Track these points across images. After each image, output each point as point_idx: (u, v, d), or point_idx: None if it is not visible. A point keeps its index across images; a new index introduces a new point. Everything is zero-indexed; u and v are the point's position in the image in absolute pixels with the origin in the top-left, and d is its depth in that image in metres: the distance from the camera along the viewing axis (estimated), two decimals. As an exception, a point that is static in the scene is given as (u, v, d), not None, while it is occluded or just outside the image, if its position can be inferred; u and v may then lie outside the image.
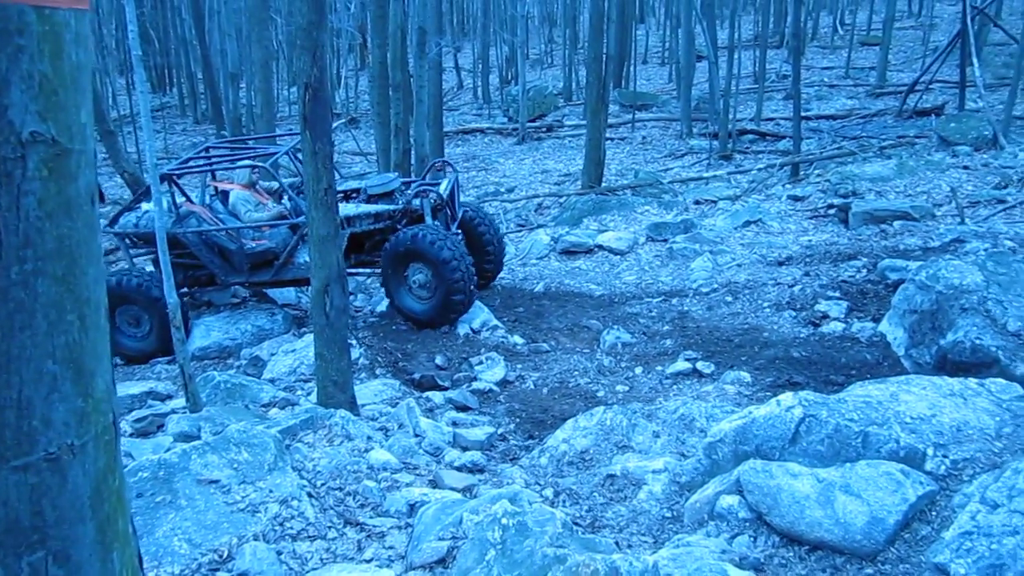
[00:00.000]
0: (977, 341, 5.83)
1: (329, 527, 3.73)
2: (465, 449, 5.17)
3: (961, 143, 14.98)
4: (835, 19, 36.71)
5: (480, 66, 30.24)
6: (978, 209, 10.77)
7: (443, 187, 9.10)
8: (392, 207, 8.89)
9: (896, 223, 10.55)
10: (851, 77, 26.80)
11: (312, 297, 5.49)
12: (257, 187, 9.37)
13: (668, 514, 3.98)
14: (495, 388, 7.10)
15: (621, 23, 23.80)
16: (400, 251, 8.23)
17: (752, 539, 3.53)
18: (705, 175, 16.33)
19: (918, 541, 3.20)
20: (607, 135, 16.51)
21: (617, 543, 3.55)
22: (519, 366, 7.54)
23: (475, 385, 7.13)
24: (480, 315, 8.52)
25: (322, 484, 4.13)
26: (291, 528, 3.63)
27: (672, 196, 14.66)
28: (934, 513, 3.31)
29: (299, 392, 6.84)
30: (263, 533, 3.54)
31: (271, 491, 3.82)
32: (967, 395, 4.02)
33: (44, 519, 1.29)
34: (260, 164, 8.96)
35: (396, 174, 10.98)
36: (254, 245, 8.89)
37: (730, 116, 18.94)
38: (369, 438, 4.95)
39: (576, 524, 3.74)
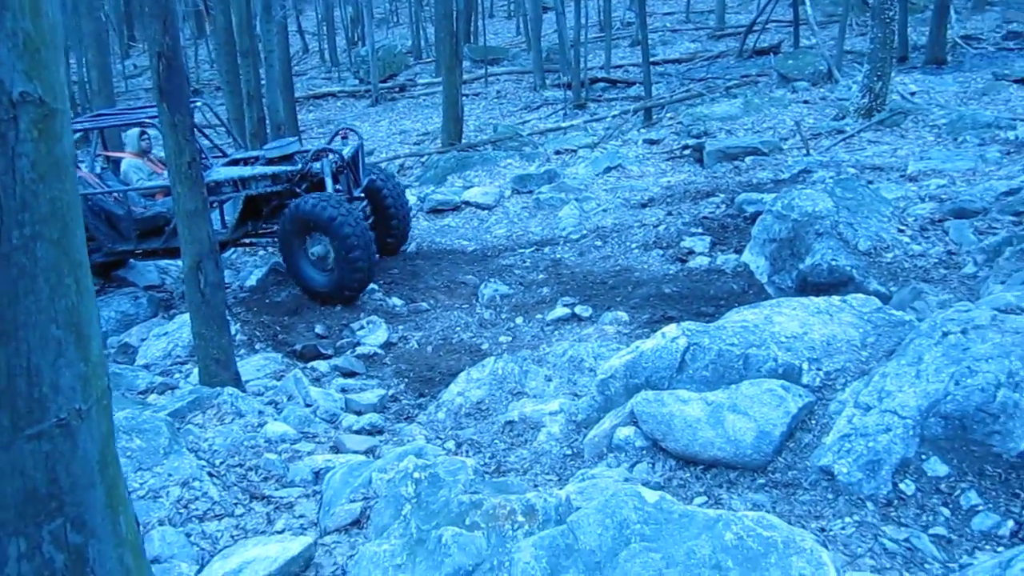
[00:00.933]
0: (833, 262, 6.24)
1: (235, 504, 3.68)
2: (360, 413, 5.17)
3: (799, 79, 15.75)
4: (672, -35, 37.56)
5: (325, 28, 29.47)
6: (821, 140, 11.40)
7: (346, 151, 8.72)
8: (290, 168, 8.42)
9: (748, 159, 11.04)
10: (692, 21, 27.59)
11: (185, 275, 5.31)
12: (150, 156, 8.96)
13: (569, 452, 4.12)
14: (380, 351, 7.09)
15: (466, -23, 23.65)
16: (298, 219, 7.83)
17: (651, 465, 3.71)
18: (563, 125, 16.56)
19: (803, 448, 3.44)
20: (462, 91, 16.47)
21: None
22: (401, 327, 7.53)
23: (359, 350, 7.09)
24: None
25: (221, 462, 4.06)
26: (196, 509, 3.56)
27: (533, 148, 14.80)
28: (814, 422, 3.56)
29: (177, 375, 6.63)
30: (168, 517, 3.46)
31: (170, 475, 3.73)
32: (832, 312, 4.31)
33: (60, 486, 1.29)
34: (151, 124, 8.36)
35: (295, 139, 10.68)
36: (143, 211, 8.47)
37: (581, 65, 19.19)
38: (261, 412, 4.88)
39: (483, 473, 3.82)
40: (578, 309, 7.26)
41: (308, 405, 5.23)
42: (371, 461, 3.93)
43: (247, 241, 9.25)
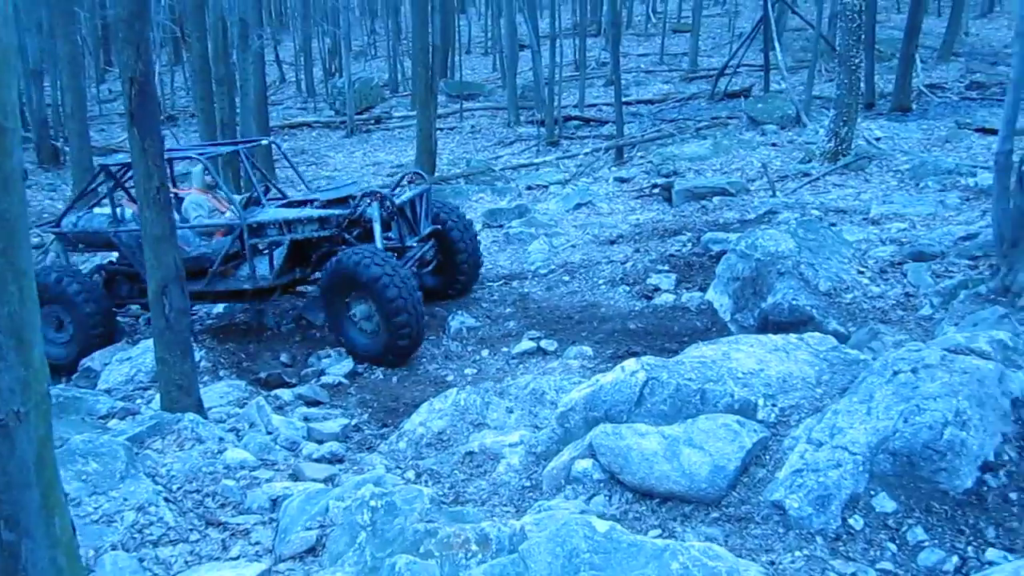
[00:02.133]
0: (794, 302, 6.35)
1: (191, 529, 3.66)
2: (321, 442, 5.16)
3: (768, 122, 16.04)
4: (648, 8, 38.22)
5: (303, 59, 29.61)
6: (787, 182, 11.61)
7: (404, 196, 8.04)
8: (339, 212, 7.81)
9: (715, 199, 11.22)
10: (665, 63, 28.02)
11: (150, 300, 5.30)
12: (215, 193, 8.63)
13: (527, 483, 4.14)
14: (344, 381, 7.09)
15: (444, 13, 23.92)
16: (340, 276, 7.14)
17: (608, 498, 3.74)
18: (535, 161, 16.73)
19: (756, 483, 3.49)
20: (437, 125, 16.60)
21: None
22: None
23: (324, 379, 7.09)
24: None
25: (178, 488, 4.04)
26: (151, 534, 3.54)
27: (505, 183, 14.94)
28: (768, 457, 3.61)
29: (139, 401, 6.57)
30: (121, 542, 3.44)
31: (125, 499, 3.70)
32: (789, 349, 4.39)
33: None
34: (195, 156, 8.25)
35: (353, 181, 10.47)
36: (188, 250, 7.93)
37: (555, 103, 19.43)
38: (221, 439, 4.86)
39: (441, 502, 3.83)
40: (544, 343, 7.31)
41: (269, 433, 5.22)
42: (329, 489, 3.93)
43: (297, 290, 8.63)
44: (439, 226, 8.47)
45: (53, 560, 1.37)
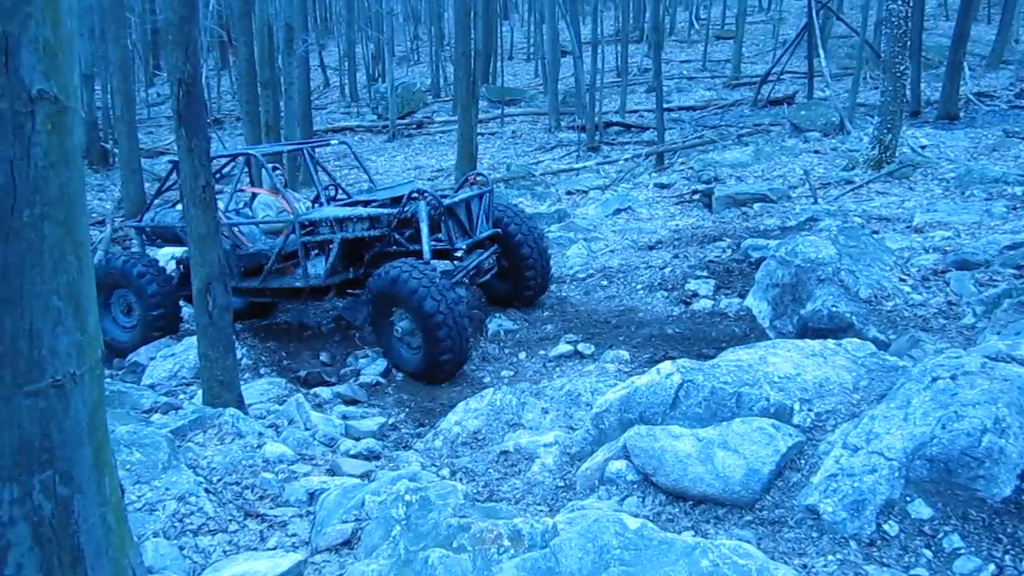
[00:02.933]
0: (833, 309, 6.29)
1: (230, 520, 3.73)
2: (359, 439, 5.22)
3: (811, 129, 15.91)
4: (691, 14, 38.11)
5: (347, 64, 29.94)
6: (829, 190, 11.50)
7: (458, 196, 7.81)
8: (388, 211, 7.62)
9: (756, 205, 11.15)
10: (708, 70, 27.93)
11: (195, 296, 5.41)
12: (285, 194, 8.49)
13: (561, 483, 4.16)
14: (382, 380, 7.16)
15: (486, 19, 24.06)
16: (380, 292, 6.97)
17: (641, 499, 3.74)
18: (575, 166, 16.74)
19: (790, 487, 3.48)
20: (478, 130, 16.70)
21: (515, 512, 3.70)
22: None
23: (362, 379, 7.17)
24: (364, 309, 8.52)
25: (218, 480, 4.12)
26: (191, 524, 3.62)
27: (544, 188, 14.98)
28: (803, 461, 3.59)
29: (182, 396, 6.70)
30: (163, 530, 3.51)
31: (167, 489, 3.79)
32: (827, 355, 4.36)
33: (51, 441, 1.43)
34: (251, 153, 8.26)
35: (412, 180, 10.27)
36: (249, 246, 8.15)
37: (596, 109, 19.44)
38: (260, 434, 4.93)
39: (474, 499, 3.87)
40: (581, 346, 7.32)
41: (308, 429, 5.29)
42: (365, 484, 3.98)
43: (349, 291, 8.25)
44: (498, 230, 8.20)
45: (103, 517, 1.47)
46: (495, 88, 26.47)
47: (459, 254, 7.62)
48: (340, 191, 9.26)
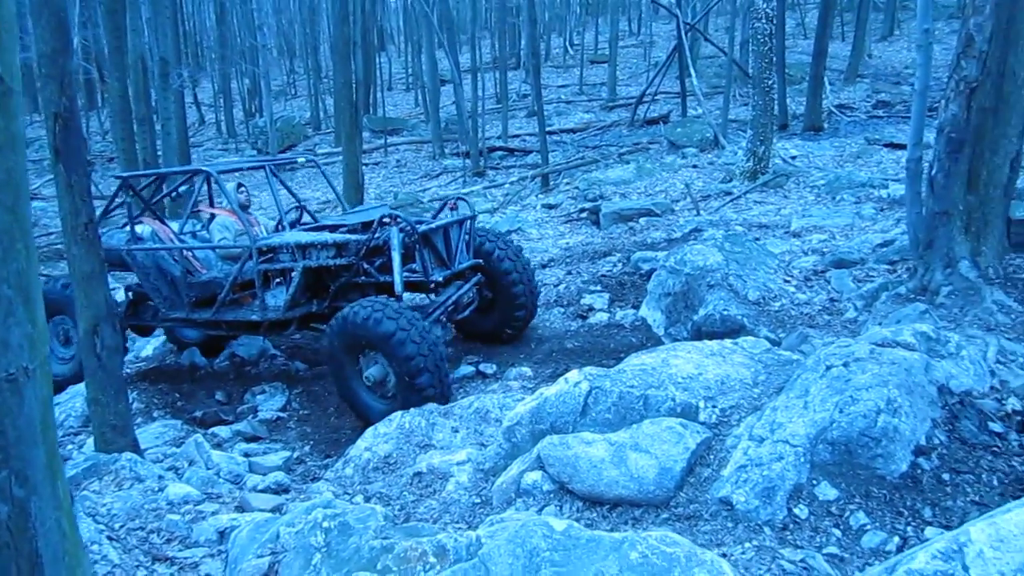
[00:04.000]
0: (725, 312, 6.51)
1: (137, 566, 3.57)
2: (265, 474, 5.08)
3: (688, 145, 16.47)
4: (565, 40, 38.95)
5: (222, 99, 29.31)
6: (710, 201, 11.91)
7: (436, 222, 7.07)
8: (356, 238, 6.92)
9: (642, 220, 11.44)
10: (585, 93, 28.56)
11: (81, 339, 5.17)
12: (248, 214, 7.91)
13: (477, 500, 4.15)
14: (282, 415, 7.00)
15: (365, 50, 24.00)
16: (348, 333, 6.17)
17: (558, 507, 3.77)
18: (463, 192, 16.81)
19: (703, 482, 3.57)
20: (363, 161, 16.60)
21: (435, 531, 3.66)
22: (304, 390, 7.45)
23: (261, 415, 6.98)
24: (257, 344, 8.33)
25: (121, 526, 3.94)
26: (95, 574, 3.44)
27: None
28: (712, 456, 3.70)
29: (70, 447, 6.38)
30: (64, 581, 3.33)
31: (66, 538, 3.60)
32: (725, 354, 4.51)
33: (6, 438, 1.37)
34: (205, 170, 7.36)
35: (384, 204, 9.33)
36: (203, 272, 7.44)
37: (479, 135, 19.62)
38: (161, 477, 4.75)
39: (394, 522, 3.82)
40: (483, 367, 7.33)
41: (210, 468, 5.12)
42: (278, 517, 3.88)
43: (313, 325, 7.44)
44: (480, 260, 7.49)
45: (58, 522, 1.39)
46: (377, 118, 26.39)
47: (435, 286, 6.94)
48: (305, 214, 8.51)
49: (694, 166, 14.81)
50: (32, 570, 1.32)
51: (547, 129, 18.21)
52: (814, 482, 3.30)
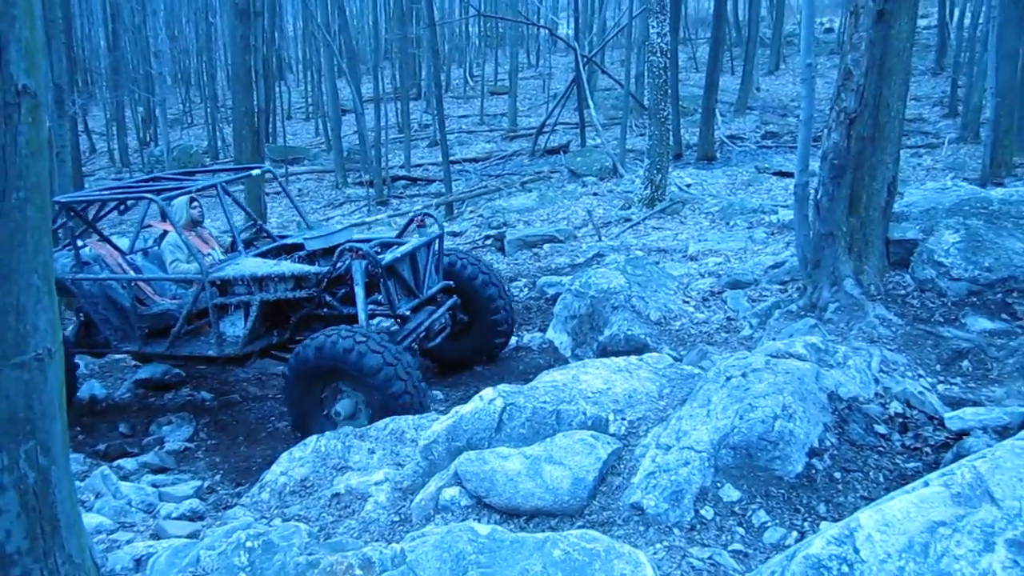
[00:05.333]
0: (629, 332, 6.76)
1: (50, 595, 3.50)
2: (179, 503, 5.03)
3: (588, 174, 16.92)
4: (465, 71, 39.44)
5: (115, 128, 28.53)
6: (611, 228, 12.28)
7: (403, 248, 6.63)
8: (316, 270, 6.54)
9: (546, 246, 11.72)
10: (486, 123, 29.00)
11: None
12: (199, 230, 7.56)
13: (396, 518, 4.22)
14: (190, 446, 6.90)
15: (266, 78, 23.81)
16: (319, 367, 5.78)
17: (477, 521, 3.88)
18: (367, 220, 16.82)
19: (614, 490, 3.74)
20: (264, 190, 16.45)
21: (357, 547, 3.72)
22: (212, 420, 7.36)
23: (168, 446, 6.87)
24: (160, 369, 8.17)
25: (30, 556, 3.85)
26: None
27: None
28: (623, 465, 3.88)
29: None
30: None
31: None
32: (632, 369, 4.73)
33: (34, 412, 1.54)
34: (151, 197, 6.81)
35: (348, 225, 8.66)
36: (156, 300, 7.03)
37: (382, 164, 19.69)
38: (67, 509, 4.66)
39: (318, 538, 3.86)
40: (394, 391, 7.36)
41: (120, 499, 5.04)
42: (197, 542, 3.87)
43: (275, 354, 7.17)
44: (450, 282, 7.18)
45: (71, 493, 1.48)
46: (276, 147, 26.14)
47: (401, 318, 6.57)
48: (261, 232, 8.11)
49: (594, 194, 15.22)
50: (53, 533, 1.42)
51: (450, 158, 18.43)
52: (718, 485, 3.51)
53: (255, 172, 8.44)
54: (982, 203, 6.95)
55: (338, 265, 6.43)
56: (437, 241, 6.97)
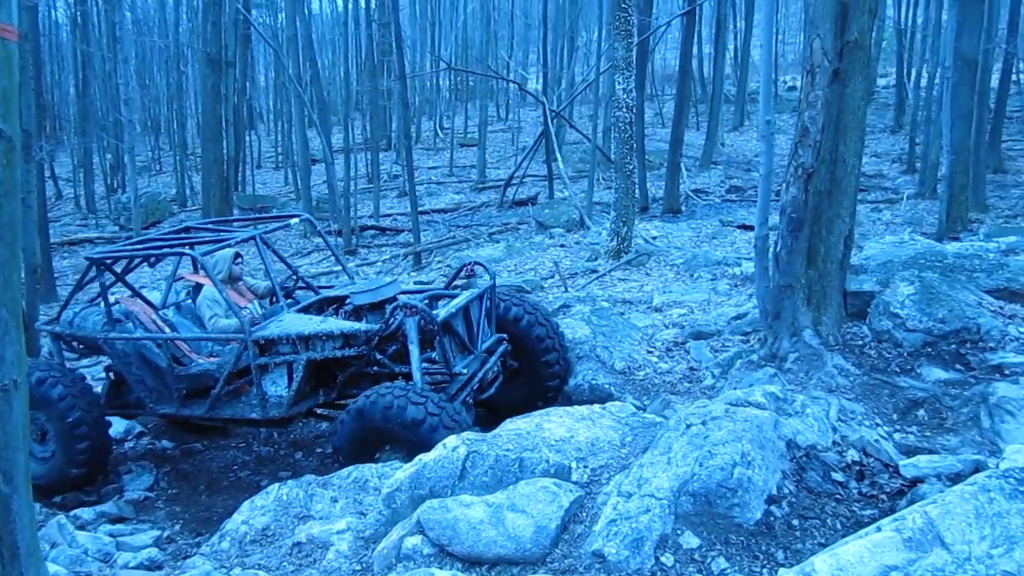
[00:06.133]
0: (593, 381, 6.82)
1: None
2: (138, 551, 4.96)
3: (555, 226, 17.11)
4: (435, 124, 39.83)
5: (82, 174, 28.38)
6: (577, 279, 12.39)
7: (456, 301, 6.31)
8: (367, 328, 6.21)
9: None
10: (455, 175, 29.26)
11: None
12: (241, 284, 7.30)
13: (358, 567, 4.19)
14: (150, 495, 6.81)
15: (236, 127, 23.91)
16: (365, 428, 5.55)
17: (439, 569, 3.87)
18: (335, 269, 16.82)
19: (576, 538, 3.76)
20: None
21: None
22: (173, 468, 7.28)
23: (128, 495, 6.77)
24: (122, 423, 8.07)
25: (-19, 607, 3.78)
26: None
27: (306, 291, 14.92)
28: (584, 513, 3.90)
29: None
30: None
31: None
32: (595, 418, 4.77)
33: None
34: (188, 252, 6.64)
35: (395, 279, 8.18)
36: (194, 359, 6.75)
37: (351, 213, 19.76)
38: (21, 559, 4.57)
39: (273, 589, 3.83)
40: (358, 440, 7.33)
41: (76, 548, 4.95)
42: (154, 591, 3.83)
43: (319, 413, 6.98)
44: (504, 334, 6.88)
45: (31, 522, 1.49)
46: (246, 196, 26.15)
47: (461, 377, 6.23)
48: (300, 282, 7.90)
49: (561, 245, 15.37)
50: (12, 560, 1.43)
51: (419, 209, 18.56)
52: (678, 532, 3.54)
53: (293, 221, 8.08)
54: (937, 257, 7.15)
55: (390, 322, 6.12)
56: (489, 292, 6.68)
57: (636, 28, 13.83)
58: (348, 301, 6.77)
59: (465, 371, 6.16)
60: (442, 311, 6.09)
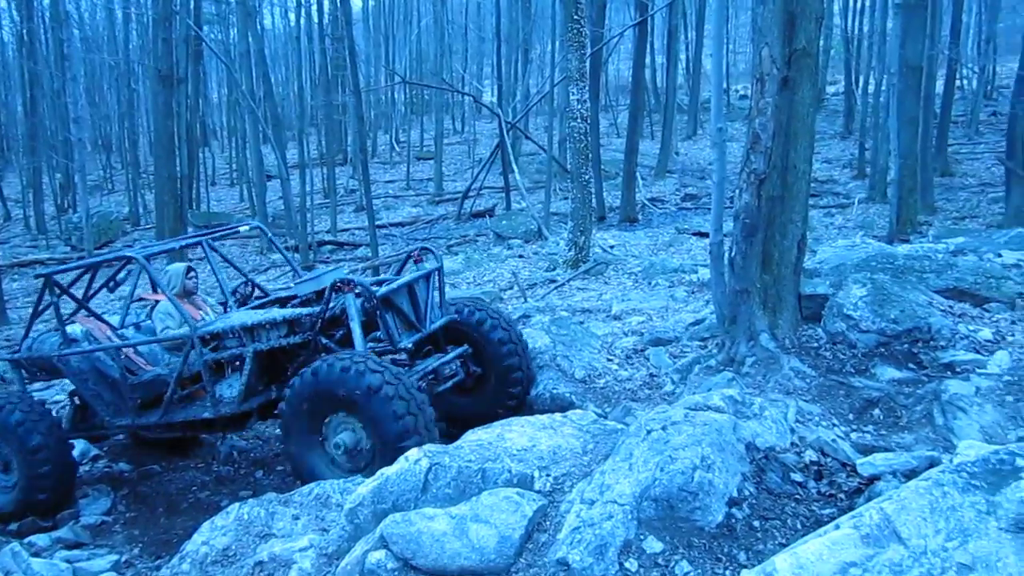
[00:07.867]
0: (555, 391, 6.83)
1: None
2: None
3: (513, 237, 17.16)
4: (391, 137, 39.75)
5: (31, 194, 27.83)
6: (536, 289, 12.43)
7: (399, 280, 6.33)
8: (309, 311, 6.21)
9: (473, 308, 11.77)
10: (412, 188, 29.20)
11: None
12: (194, 299, 7.27)
13: (321, 584, 4.15)
14: (107, 519, 6.69)
15: (189, 144, 23.63)
16: (317, 392, 5.45)
17: (403, 583, 3.85)
18: (291, 285, 16.68)
19: (540, 547, 3.76)
20: (188, 256, 16.21)
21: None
22: (131, 491, 7.15)
23: (84, 520, 6.65)
24: (80, 445, 7.91)
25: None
26: None
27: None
28: (548, 522, 3.90)
29: None
30: None
31: None
32: (556, 426, 4.78)
33: None
34: (131, 256, 6.68)
35: (337, 267, 8.12)
36: (146, 370, 6.68)
37: (308, 229, 19.62)
38: (-26, 589, 4.46)
39: (235, 609, 3.78)
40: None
41: (30, 576, 4.85)
42: (112, 615, 3.75)
43: (276, 414, 6.42)
44: (455, 316, 6.77)
45: None
46: (201, 214, 25.84)
47: (404, 355, 6.20)
48: (255, 288, 7.86)
49: (520, 256, 15.41)
50: None
51: (376, 223, 18.48)
52: (641, 537, 3.56)
53: (243, 229, 8.24)
54: (888, 259, 7.28)
55: (331, 303, 6.10)
56: (436, 274, 6.61)
57: (589, 40, 13.94)
58: (295, 295, 6.82)
59: (411, 346, 6.12)
60: (382, 288, 6.12)
